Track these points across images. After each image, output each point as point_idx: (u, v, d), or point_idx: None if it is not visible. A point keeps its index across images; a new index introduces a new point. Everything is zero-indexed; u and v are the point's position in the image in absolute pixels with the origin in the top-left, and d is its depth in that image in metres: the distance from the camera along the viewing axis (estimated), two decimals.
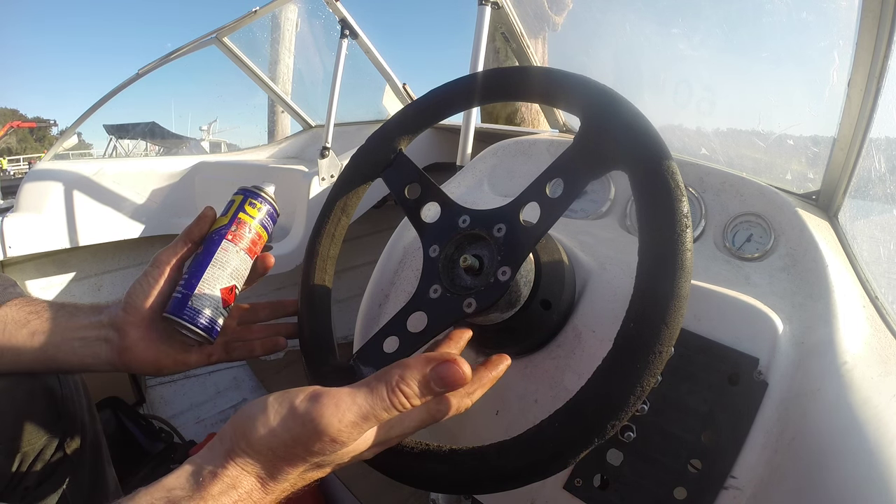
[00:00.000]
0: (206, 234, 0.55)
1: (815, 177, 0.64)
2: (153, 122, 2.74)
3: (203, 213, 0.56)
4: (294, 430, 0.34)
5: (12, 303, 0.53)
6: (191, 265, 0.54)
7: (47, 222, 1.42)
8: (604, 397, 0.33)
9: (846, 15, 0.56)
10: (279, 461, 0.34)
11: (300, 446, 0.34)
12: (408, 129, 0.54)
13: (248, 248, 0.55)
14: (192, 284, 0.52)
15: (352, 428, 0.34)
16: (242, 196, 0.56)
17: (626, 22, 0.92)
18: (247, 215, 0.56)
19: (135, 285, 0.53)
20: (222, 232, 0.54)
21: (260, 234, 0.57)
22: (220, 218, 0.56)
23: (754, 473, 0.42)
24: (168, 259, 0.54)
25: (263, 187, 0.58)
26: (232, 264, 0.54)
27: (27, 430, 0.54)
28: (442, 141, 1.54)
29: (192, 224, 0.55)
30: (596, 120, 0.41)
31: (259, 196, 0.57)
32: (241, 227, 0.55)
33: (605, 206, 0.68)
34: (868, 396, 0.41)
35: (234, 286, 0.54)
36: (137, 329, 0.53)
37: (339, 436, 0.34)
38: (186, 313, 0.51)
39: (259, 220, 0.56)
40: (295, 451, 0.34)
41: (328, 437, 0.34)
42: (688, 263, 0.34)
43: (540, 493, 0.50)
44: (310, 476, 0.36)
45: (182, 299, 0.51)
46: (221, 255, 0.53)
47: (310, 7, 1.87)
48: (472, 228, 0.46)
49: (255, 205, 0.56)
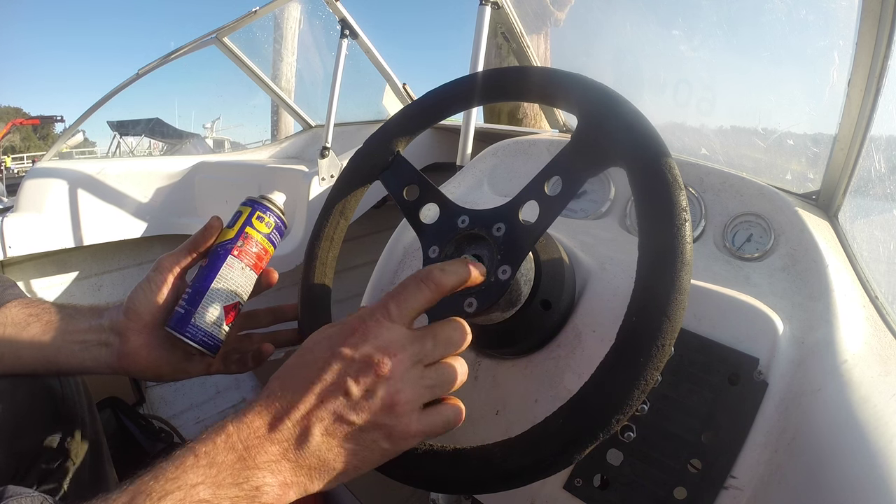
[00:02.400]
0: (211, 246, 0.54)
1: (815, 177, 0.64)
2: (157, 118, 2.74)
3: (209, 223, 0.54)
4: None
5: (12, 304, 0.53)
6: (195, 279, 0.53)
7: (47, 222, 1.42)
8: (608, 392, 0.33)
9: (846, 15, 0.56)
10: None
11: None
12: (406, 130, 0.53)
13: (253, 265, 0.54)
14: (196, 301, 0.51)
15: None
16: (250, 208, 0.55)
17: (626, 22, 0.93)
18: (254, 229, 0.54)
19: (137, 290, 0.53)
20: (228, 247, 0.53)
21: (266, 250, 0.55)
22: (226, 230, 0.54)
23: (754, 473, 0.42)
24: (171, 266, 0.53)
25: (272, 198, 0.56)
26: (237, 281, 0.53)
27: (27, 430, 0.54)
28: (442, 141, 1.54)
29: (197, 234, 0.54)
30: (593, 117, 0.41)
31: (267, 209, 0.55)
32: (248, 242, 0.54)
33: (605, 206, 0.68)
34: (868, 396, 0.41)
35: (238, 302, 0.54)
36: (138, 335, 0.52)
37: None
38: (189, 330, 0.50)
39: (266, 235, 0.55)
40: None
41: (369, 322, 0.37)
42: (688, 256, 0.34)
43: (540, 493, 0.50)
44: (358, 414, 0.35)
45: (185, 315, 0.51)
46: (226, 272, 0.52)
47: (311, 7, 1.87)
48: (471, 228, 0.46)
49: (263, 218, 0.55)
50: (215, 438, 0.34)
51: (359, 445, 0.36)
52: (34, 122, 15.10)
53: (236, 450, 0.33)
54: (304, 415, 0.35)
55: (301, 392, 0.35)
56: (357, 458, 0.36)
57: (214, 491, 0.32)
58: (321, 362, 0.36)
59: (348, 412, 0.35)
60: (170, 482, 0.31)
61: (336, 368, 0.36)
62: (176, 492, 0.31)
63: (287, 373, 0.37)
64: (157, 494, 0.31)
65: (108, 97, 1.71)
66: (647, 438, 0.46)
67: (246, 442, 0.34)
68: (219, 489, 0.32)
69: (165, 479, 0.32)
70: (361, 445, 0.36)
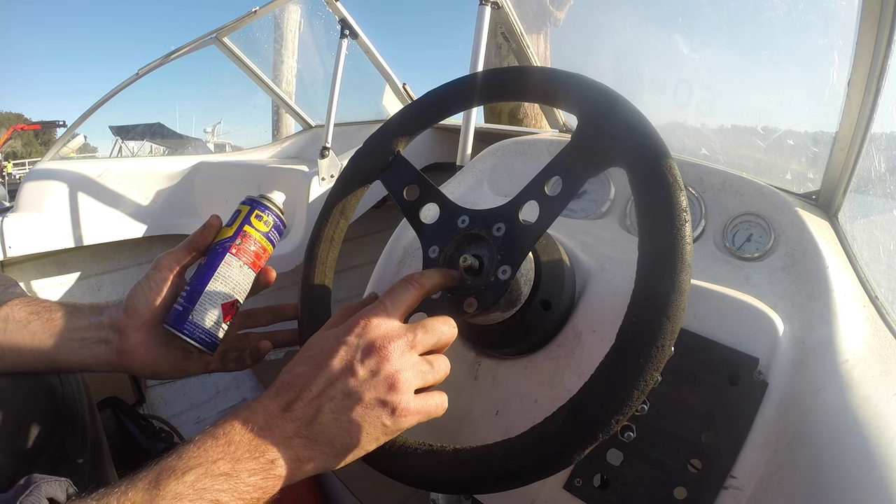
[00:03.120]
0: (210, 244, 0.54)
1: (815, 177, 0.64)
2: (158, 122, 2.73)
3: (208, 221, 0.55)
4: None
5: (13, 303, 0.53)
6: (193, 277, 0.53)
7: (47, 222, 1.42)
8: (607, 393, 0.33)
9: (846, 15, 0.56)
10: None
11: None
12: (406, 130, 0.53)
13: (251, 263, 0.54)
14: (194, 298, 0.51)
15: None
16: (249, 207, 0.55)
17: (626, 21, 0.92)
18: (252, 228, 0.54)
19: (136, 288, 0.53)
20: (226, 245, 0.53)
21: (265, 248, 0.56)
22: (225, 228, 0.55)
23: (754, 473, 0.42)
24: (170, 264, 0.54)
25: (271, 197, 0.56)
26: (234, 279, 0.53)
27: (28, 429, 0.54)
28: (442, 141, 1.54)
29: (196, 232, 0.55)
30: (592, 117, 0.41)
31: (266, 208, 0.55)
32: (246, 240, 0.54)
33: (605, 206, 0.68)
34: (868, 396, 0.41)
35: (236, 300, 0.54)
36: (138, 333, 0.53)
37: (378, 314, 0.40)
38: (187, 327, 0.51)
39: (264, 234, 0.55)
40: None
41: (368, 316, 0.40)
42: (688, 257, 0.34)
43: (540, 493, 0.50)
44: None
45: (183, 312, 0.51)
46: (224, 270, 0.53)
47: (311, 7, 1.87)
48: (471, 228, 0.46)
49: (262, 217, 0.55)
50: (233, 421, 0.37)
51: (365, 422, 0.38)
52: (35, 128, 15.13)
53: (253, 430, 0.37)
54: (315, 395, 0.38)
55: (312, 376, 0.39)
56: (362, 435, 0.38)
57: (233, 465, 0.35)
58: (329, 351, 0.40)
59: (356, 390, 0.38)
60: (192, 459, 0.35)
61: (343, 355, 0.39)
62: (198, 467, 0.34)
63: (297, 364, 0.41)
64: (180, 470, 0.34)
65: (108, 97, 1.70)
66: (647, 438, 0.46)
67: (262, 423, 0.37)
68: (237, 463, 0.35)
69: (188, 457, 0.35)
70: (367, 423, 0.38)
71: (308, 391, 0.38)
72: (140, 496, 0.33)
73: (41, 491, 0.34)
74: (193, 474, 0.34)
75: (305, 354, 0.41)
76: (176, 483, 0.33)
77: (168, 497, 0.33)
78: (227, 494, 0.34)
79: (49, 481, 0.35)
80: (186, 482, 0.34)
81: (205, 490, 0.34)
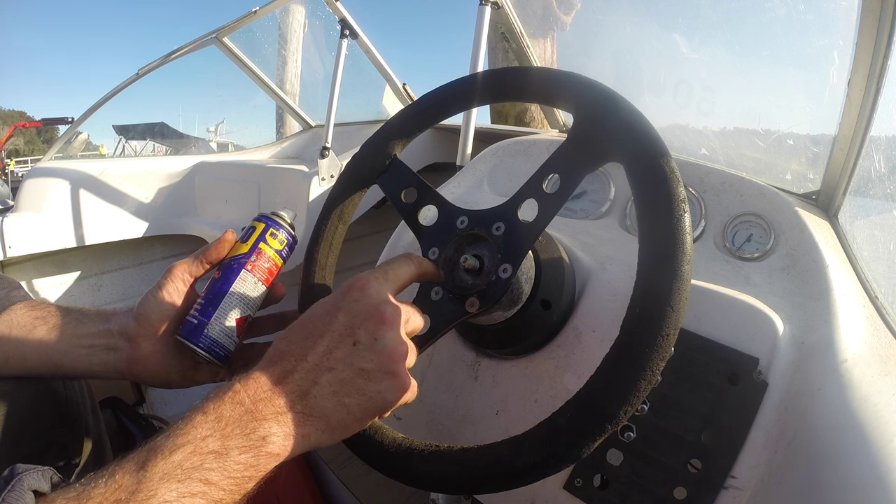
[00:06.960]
0: (224, 259, 0.55)
1: (815, 177, 0.64)
2: (162, 122, 2.72)
3: (224, 237, 0.55)
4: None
5: (18, 306, 0.53)
6: (207, 290, 0.54)
7: (47, 222, 1.42)
8: (615, 383, 0.33)
9: (846, 15, 0.56)
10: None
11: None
12: (404, 133, 0.54)
13: (265, 279, 0.55)
14: (209, 312, 0.52)
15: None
16: (264, 225, 0.56)
17: (628, 24, 0.93)
18: (267, 245, 0.55)
19: (148, 297, 0.53)
20: (242, 261, 0.54)
21: (277, 265, 0.57)
22: (239, 244, 0.56)
23: (754, 473, 0.42)
24: (183, 275, 0.54)
25: (284, 215, 0.58)
26: (249, 294, 0.54)
27: (31, 432, 0.54)
28: (442, 141, 1.54)
29: (210, 246, 0.55)
30: (588, 114, 0.41)
31: (280, 226, 0.56)
32: (261, 257, 0.55)
33: (605, 207, 0.68)
34: (868, 396, 0.41)
35: (249, 315, 0.55)
36: (149, 342, 0.52)
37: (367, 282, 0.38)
38: (202, 341, 0.51)
39: (278, 251, 0.56)
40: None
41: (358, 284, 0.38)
42: (688, 246, 0.34)
43: (540, 493, 0.50)
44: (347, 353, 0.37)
45: (198, 326, 0.51)
46: (240, 286, 0.53)
47: (311, 8, 1.87)
48: (470, 229, 0.46)
49: (276, 235, 0.56)
50: (223, 396, 0.36)
51: (364, 396, 0.37)
52: (37, 125, 15.15)
53: (244, 404, 0.35)
54: (313, 366, 0.36)
55: (310, 345, 0.37)
56: (360, 409, 0.37)
57: (223, 442, 0.34)
58: (327, 316, 0.38)
59: (358, 358, 0.36)
60: (180, 437, 0.34)
61: (343, 320, 0.37)
62: (186, 445, 0.33)
63: (293, 332, 0.39)
64: (168, 449, 0.33)
65: (109, 97, 1.70)
66: (647, 438, 0.46)
67: (253, 396, 0.35)
68: (227, 440, 0.34)
69: (177, 435, 0.34)
70: (366, 396, 0.37)
71: (304, 361, 0.37)
72: (128, 479, 0.32)
73: (23, 484, 0.32)
74: (181, 453, 0.33)
75: (302, 321, 0.39)
76: (164, 463, 0.32)
77: (155, 478, 0.32)
78: (216, 473, 0.33)
79: (32, 471, 0.34)
80: (174, 462, 0.32)
81: (193, 469, 0.33)
